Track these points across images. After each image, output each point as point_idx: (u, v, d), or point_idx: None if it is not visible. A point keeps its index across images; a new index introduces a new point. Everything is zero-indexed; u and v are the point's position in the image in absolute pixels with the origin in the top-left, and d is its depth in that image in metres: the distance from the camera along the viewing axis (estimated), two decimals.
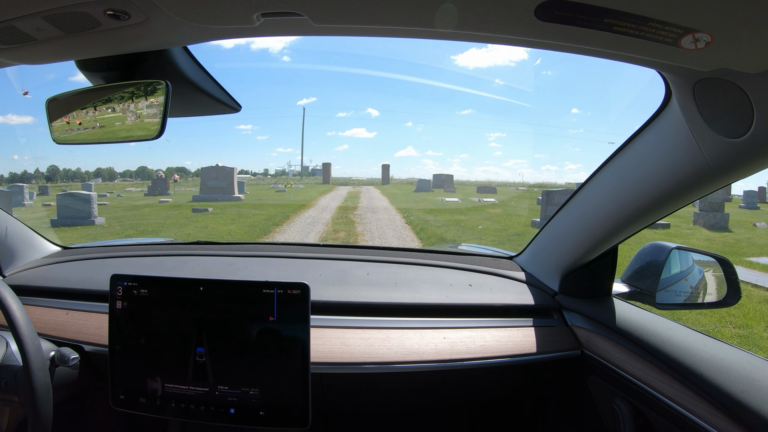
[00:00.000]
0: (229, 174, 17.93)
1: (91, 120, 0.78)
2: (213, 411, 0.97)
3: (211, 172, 18.09)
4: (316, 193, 23.58)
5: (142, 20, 0.58)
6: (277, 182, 38.82)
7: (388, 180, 40.48)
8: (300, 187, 30.92)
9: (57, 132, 0.82)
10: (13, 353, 1.01)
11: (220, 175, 17.88)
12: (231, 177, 17.90)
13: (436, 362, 1.04)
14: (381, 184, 38.07)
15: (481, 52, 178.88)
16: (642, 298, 1.14)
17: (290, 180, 42.73)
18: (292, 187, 30.49)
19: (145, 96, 0.72)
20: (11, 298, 0.94)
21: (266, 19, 0.56)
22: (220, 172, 17.95)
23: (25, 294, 1.24)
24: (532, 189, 31.80)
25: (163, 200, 17.42)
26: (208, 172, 18.24)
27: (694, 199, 0.81)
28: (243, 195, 18.39)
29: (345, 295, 1.20)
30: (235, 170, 18.26)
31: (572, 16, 0.49)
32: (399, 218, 12.47)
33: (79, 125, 0.79)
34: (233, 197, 17.21)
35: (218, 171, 18.02)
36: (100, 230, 10.12)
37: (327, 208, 15.15)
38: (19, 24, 0.59)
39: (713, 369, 0.82)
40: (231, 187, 17.57)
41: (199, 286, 0.98)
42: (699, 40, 0.50)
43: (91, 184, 25.29)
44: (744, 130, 0.61)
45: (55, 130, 0.82)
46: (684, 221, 11.37)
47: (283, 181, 39.20)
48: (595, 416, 1.11)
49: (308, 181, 42.86)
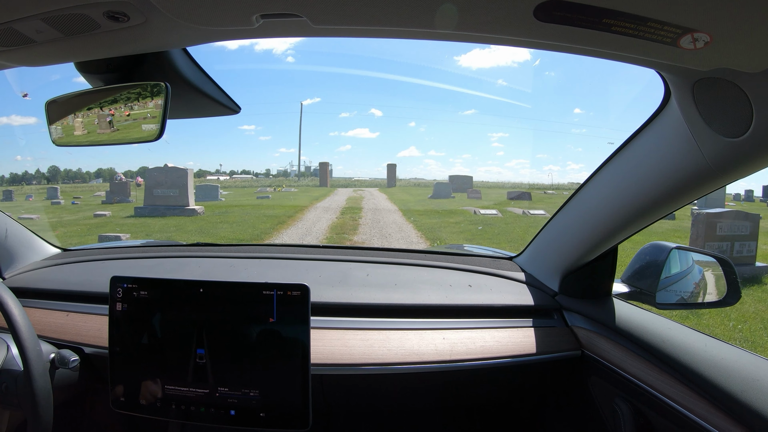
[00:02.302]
0: (180, 178, 13.27)
1: (91, 122, 0.78)
2: (213, 412, 0.97)
3: (158, 175, 13.50)
4: (306, 200, 18.64)
5: (141, 22, 0.58)
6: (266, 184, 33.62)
7: (394, 182, 35.43)
8: (292, 191, 25.98)
9: (56, 134, 0.82)
10: (13, 357, 1.00)
11: (169, 179, 13.28)
12: (184, 182, 13.21)
13: (436, 363, 1.04)
14: (386, 187, 32.99)
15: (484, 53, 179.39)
16: (642, 298, 1.14)
17: (284, 182, 38.44)
18: (283, 191, 26.06)
19: (145, 97, 0.72)
20: (11, 301, 0.94)
21: (265, 21, 0.56)
22: (169, 176, 13.33)
23: (24, 296, 1.24)
24: (562, 192, 26.04)
25: (100, 213, 13.02)
26: (154, 176, 13.54)
27: (693, 199, 0.81)
28: (200, 206, 13.34)
29: (345, 296, 1.20)
30: (189, 173, 13.58)
31: (571, 16, 0.49)
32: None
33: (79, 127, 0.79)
34: (186, 210, 12.67)
35: (167, 174, 13.43)
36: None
37: (312, 230, 10.18)
38: (19, 26, 0.59)
39: (713, 369, 0.82)
40: (184, 196, 13.13)
41: (199, 287, 0.98)
42: (698, 40, 0.50)
43: (57, 188, 21.83)
44: (743, 129, 0.61)
45: (55, 132, 0.82)
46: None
47: (279, 183, 35.98)
48: (595, 416, 1.11)
49: (307, 182, 38.91)
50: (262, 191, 25.20)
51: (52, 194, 20.24)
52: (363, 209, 14.96)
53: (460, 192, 23.13)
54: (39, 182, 37.66)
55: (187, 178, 13.38)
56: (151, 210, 12.71)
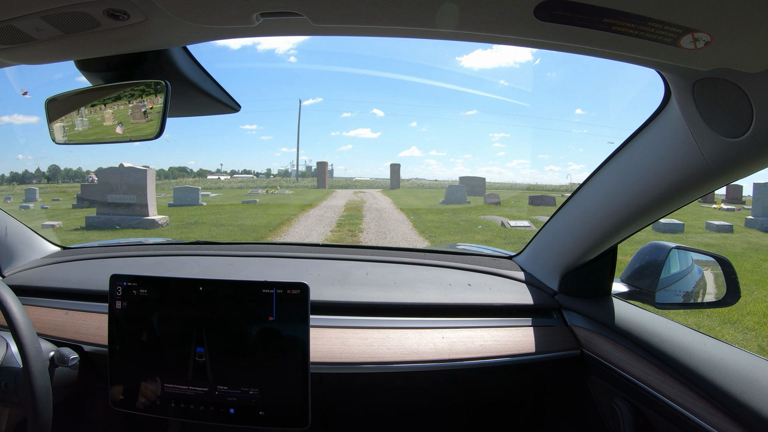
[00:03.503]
0: (139, 181, 10.79)
1: (91, 120, 0.78)
2: (213, 411, 0.97)
3: (112, 177, 11.07)
4: (297, 206, 15.68)
5: (141, 20, 0.58)
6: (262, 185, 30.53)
7: (398, 183, 32.07)
8: (285, 194, 22.83)
9: (56, 132, 0.82)
10: (13, 355, 1.01)
11: (125, 182, 10.81)
12: (143, 187, 10.73)
13: (435, 362, 1.04)
14: (390, 189, 29.77)
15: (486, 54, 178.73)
16: (641, 298, 1.14)
17: (281, 182, 35.71)
18: (276, 193, 23.36)
19: (145, 96, 0.72)
20: (11, 299, 0.94)
21: (265, 19, 0.56)
22: (125, 178, 10.87)
23: (24, 294, 1.24)
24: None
25: (49, 224, 10.37)
26: (107, 178, 11.12)
27: (693, 199, 0.81)
28: (163, 217, 10.82)
29: (344, 295, 1.20)
30: (149, 174, 11.10)
31: (571, 15, 0.49)
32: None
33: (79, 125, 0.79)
34: (145, 221, 10.16)
35: (122, 175, 10.94)
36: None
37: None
38: (19, 24, 0.59)
39: (713, 368, 0.82)
40: (142, 203, 10.60)
41: (198, 286, 0.98)
42: (698, 40, 0.50)
43: (35, 189, 19.52)
44: (743, 129, 0.61)
45: (55, 130, 0.82)
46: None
47: (273, 183, 33.20)
48: (594, 416, 1.11)
49: (306, 182, 36.32)
50: (252, 193, 22.42)
51: (30, 196, 18.00)
52: (364, 218, 12.44)
53: (473, 195, 19.66)
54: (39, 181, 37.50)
55: (146, 181, 10.76)
56: (105, 221, 10.22)
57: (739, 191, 20.42)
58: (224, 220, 11.43)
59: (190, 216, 12.24)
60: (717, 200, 19.56)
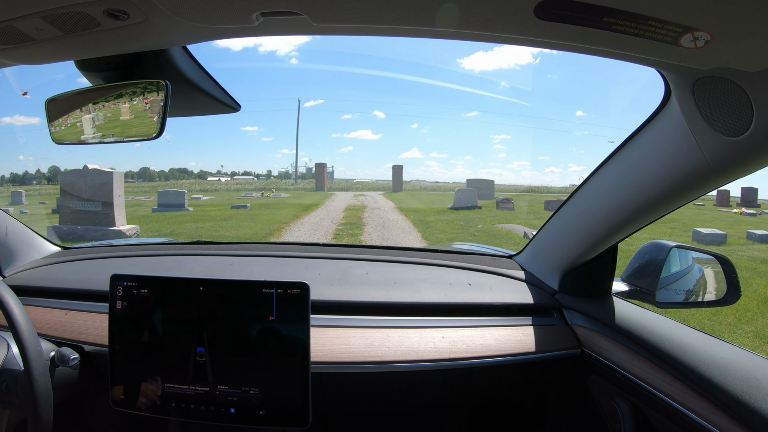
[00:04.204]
0: (104, 186, 9.41)
1: (91, 120, 0.78)
2: (213, 411, 0.97)
3: (75, 180, 9.72)
4: (292, 211, 14.21)
5: (141, 20, 0.58)
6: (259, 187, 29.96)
7: (400, 186, 31.02)
8: (281, 197, 21.66)
9: (56, 132, 0.82)
10: (14, 356, 1.01)
11: (88, 187, 9.52)
12: (108, 192, 9.36)
13: (435, 361, 1.04)
14: (392, 192, 28.66)
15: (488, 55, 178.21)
16: (642, 297, 1.14)
17: (278, 184, 34.71)
18: (272, 196, 22.29)
19: (145, 95, 0.72)
20: (12, 300, 0.94)
21: (265, 19, 0.56)
22: (88, 182, 9.53)
23: (24, 294, 1.24)
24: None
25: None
26: (70, 182, 9.84)
27: (693, 198, 0.81)
28: (133, 227, 9.57)
29: (344, 294, 1.20)
30: (116, 178, 9.73)
31: (571, 14, 0.49)
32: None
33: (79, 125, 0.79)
34: (110, 232, 8.92)
35: (86, 179, 9.59)
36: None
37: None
38: (19, 24, 0.59)
39: (713, 367, 0.82)
40: (108, 212, 9.29)
41: (199, 285, 0.98)
42: (698, 39, 0.50)
43: (22, 192, 18.95)
44: (743, 128, 0.61)
45: (55, 130, 0.82)
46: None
47: (269, 186, 32.35)
48: (595, 415, 1.11)
49: (304, 184, 34.99)
50: (245, 197, 21.15)
51: (16, 199, 17.40)
52: (365, 227, 11.18)
53: (481, 200, 17.58)
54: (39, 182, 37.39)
55: (112, 186, 9.34)
56: (67, 232, 9.02)
57: (754, 194, 20.08)
58: (204, 232, 9.95)
59: (168, 225, 11.01)
60: (732, 203, 19.27)
